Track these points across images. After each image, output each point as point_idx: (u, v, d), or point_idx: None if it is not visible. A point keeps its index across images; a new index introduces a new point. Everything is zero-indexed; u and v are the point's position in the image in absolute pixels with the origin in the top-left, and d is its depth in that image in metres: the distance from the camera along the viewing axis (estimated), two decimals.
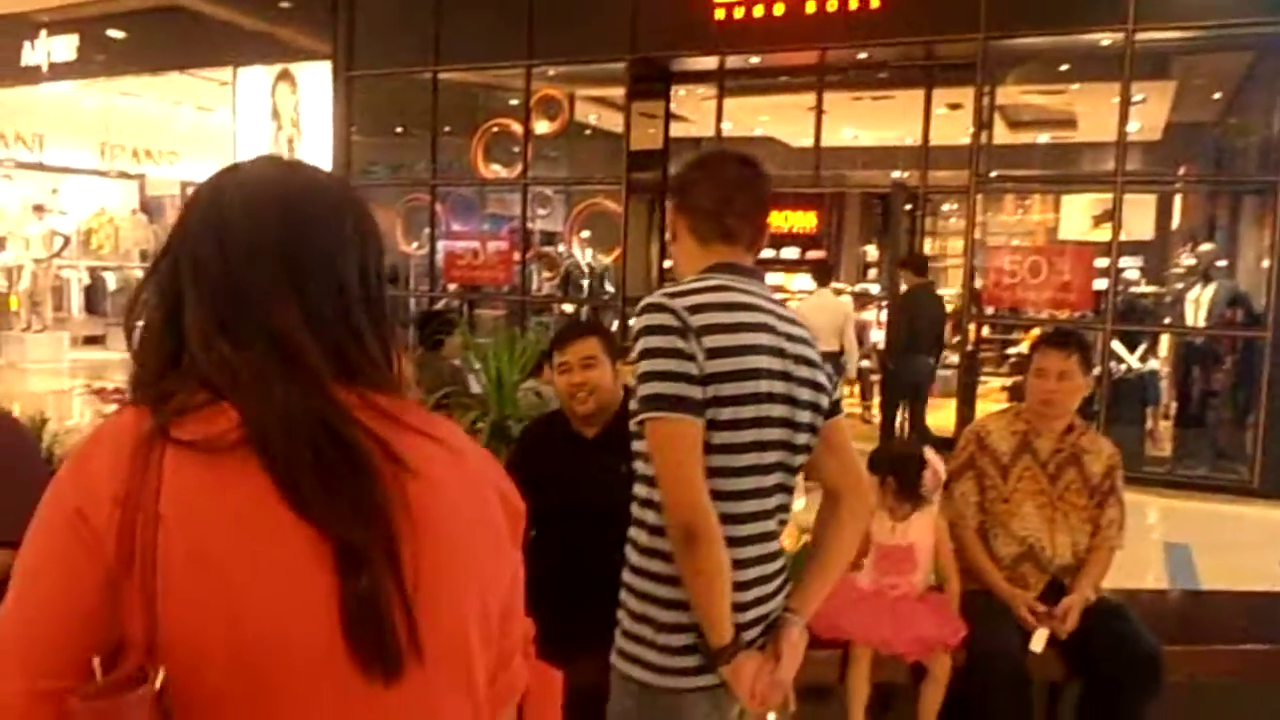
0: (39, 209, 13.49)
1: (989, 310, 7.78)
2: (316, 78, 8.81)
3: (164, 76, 10.68)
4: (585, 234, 9.57)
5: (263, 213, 0.89)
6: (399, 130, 9.22)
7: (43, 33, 10.83)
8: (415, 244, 9.27)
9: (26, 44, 10.97)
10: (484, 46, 8.17)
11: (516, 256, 8.64)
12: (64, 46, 10.67)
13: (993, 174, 7.59)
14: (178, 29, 9.57)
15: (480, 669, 0.92)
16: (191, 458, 0.79)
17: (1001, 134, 9.37)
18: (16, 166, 13.43)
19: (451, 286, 9.01)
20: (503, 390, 3.60)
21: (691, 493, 1.53)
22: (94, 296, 13.77)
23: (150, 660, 0.75)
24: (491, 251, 8.76)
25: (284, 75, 9.04)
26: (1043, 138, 11.11)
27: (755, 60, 8.09)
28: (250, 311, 0.85)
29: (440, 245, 8.96)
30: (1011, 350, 9.54)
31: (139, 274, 14.13)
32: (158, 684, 0.74)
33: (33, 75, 11.15)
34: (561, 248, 9.87)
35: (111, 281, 14.07)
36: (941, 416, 7.54)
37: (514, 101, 8.58)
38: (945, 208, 11.73)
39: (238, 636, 0.77)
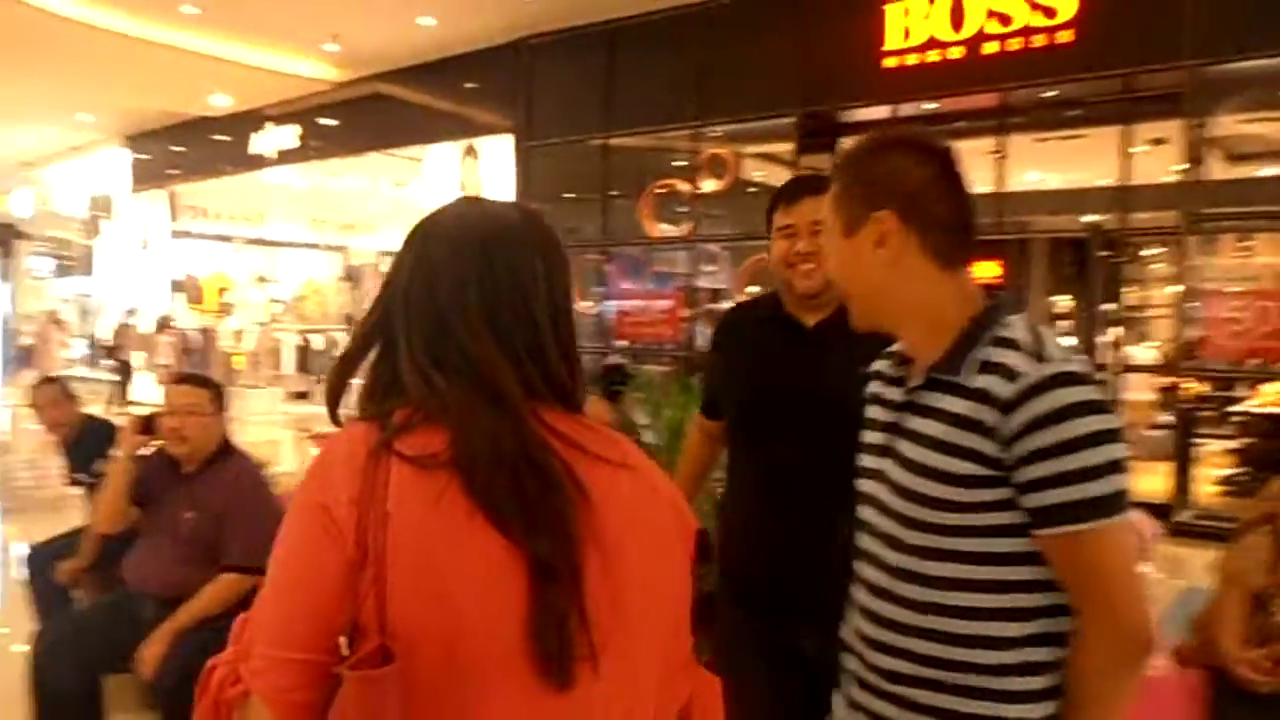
0: (262, 279, 15.25)
1: (1207, 364, 7.22)
2: (498, 150, 9.55)
3: (365, 157, 11.89)
4: (753, 289, 9.71)
5: (463, 251, 1.01)
6: (571, 195, 9.80)
7: (268, 124, 12.35)
8: (587, 303, 9.75)
9: (254, 135, 12.55)
10: (653, 111, 8.59)
11: (684, 313, 8.93)
12: (286, 135, 12.12)
13: (1208, 212, 7.05)
14: (378, 114, 10.68)
15: (651, 680, 0.99)
16: (411, 470, 0.90)
17: (1217, 168, 8.77)
18: (246, 243, 15.26)
19: (621, 343, 9.37)
20: (679, 439, 3.74)
21: (1145, 605, 1.28)
22: (304, 356, 15.30)
23: (386, 642, 0.86)
24: (659, 309, 9.09)
25: (469, 150, 9.85)
26: (1267, 170, 10.25)
27: (930, 106, 8.04)
28: (453, 342, 0.97)
29: (610, 303, 9.38)
30: (1235, 408, 8.76)
31: (342, 336, 15.69)
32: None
33: (258, 162, 12.69)
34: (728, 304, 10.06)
35: (319, 343, 15.59)
36: (1154, 481, 7.03)
37: (681, 162, 8.93)
38: (1147, 252, 11.00)
39: (449, 627, 0.88)
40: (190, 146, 14.05)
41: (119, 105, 13.24)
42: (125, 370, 13.10)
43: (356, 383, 1.05)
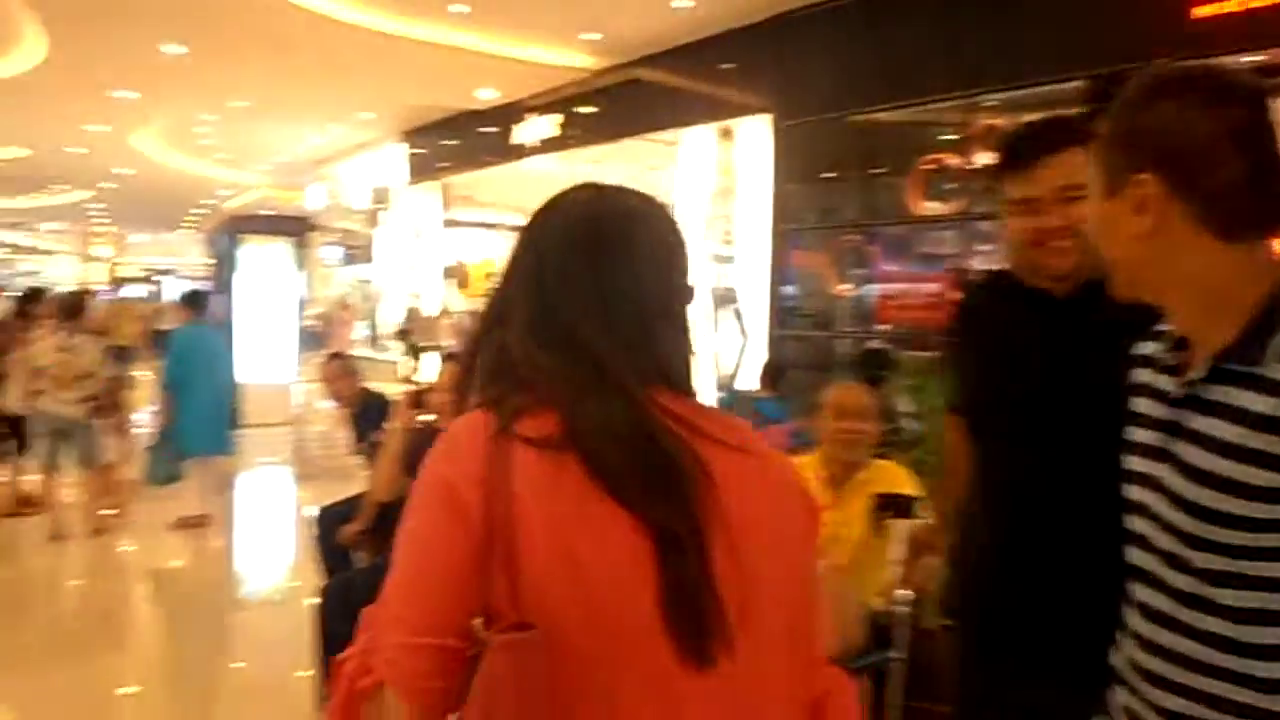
0: None
1: None
2: (753, 131, 9.51)
3: (621, 143, 12.27)
4: None
5: (575, 237, 1.06)
6: (830, 174, 9.58)
7: (530, 115, 13.05)
8: (846, 285, 9.51)
9: (516, 126, 13.30)
10: (919, 82, 8.21)
11: (954, 296, 8.47)
12: (547, 125, 12.75)
13: None
14: (635, 100, 10.97)
15: (783, 666, 0.98)
16: (532, 451, 0.93)
17: None
18: (509, 230, 16.27)
19: (883, 327, 9.07)
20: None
21: None
22: None
23: (526, 611, 0.88)
24: (925, 292, 8.71)
25: (725, 132, 9.89)
26: None
27: (1250, 59, 7.13)
28: (561, 327, 1.00)
29: (871, 286, 9.11)
30: None
31: None
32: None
33: (519, 151, 13.44)
34: None
35: None
36: None
37: (950, 136, 8.49)
38: None
39: (582, 604, 0.89)
40: (459, 139, 15.10)
41: (396, 103, 14.47)
42: (416, 351, 14.26)
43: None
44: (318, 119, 15.86)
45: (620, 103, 11.30)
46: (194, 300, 8.11)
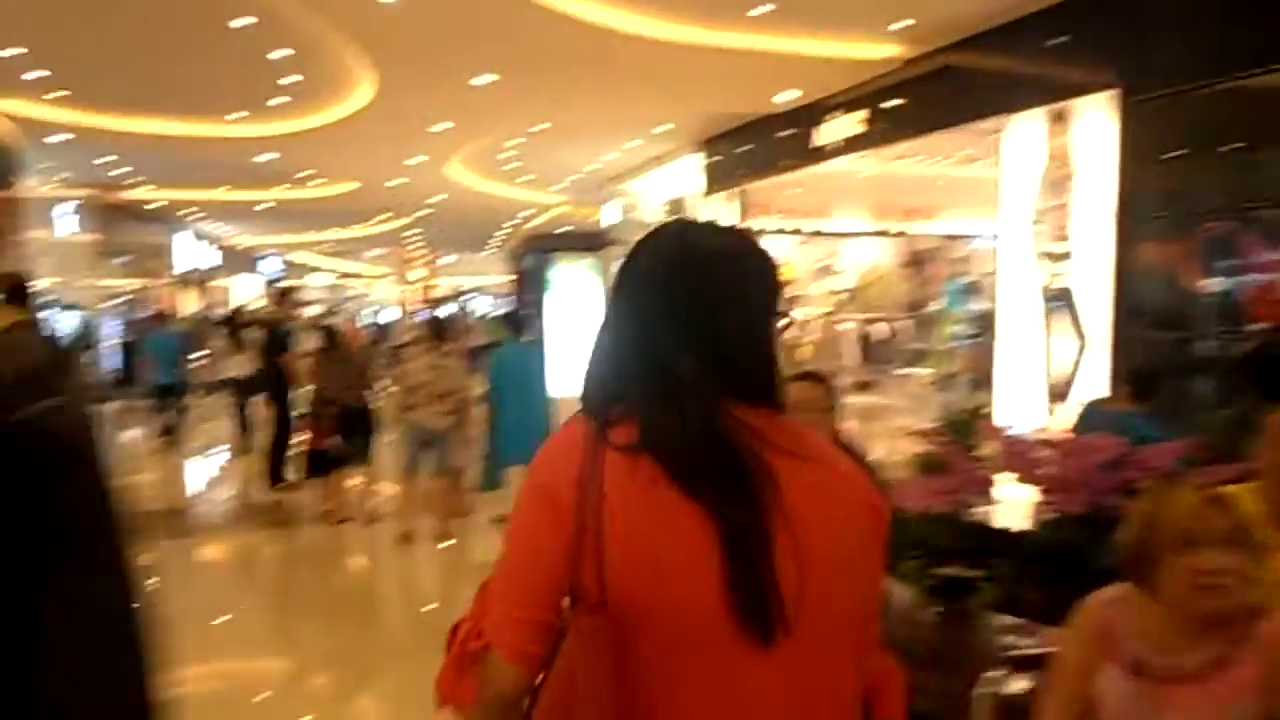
0: (824, 270, 16.06)
1: None
2: (1093, 111, 8.84)
3: (930, 138, 11.85)
4: None
5: (665, 271, 1.23)
6: (1188, 153, 8.69)
7: (832, 114, 12.94)
8: (1208, 279, 8.58)
9: (817, 127, 13.23)
10: None
11: None
12: (850, 123, 12.59)
13: None
14: (948, 89, 10.55)
15: (847, 656, 1.14)
16: (620, 457, 1.13)
17: None
18: (809, 235, 16.22)
19: (1259, 325, 8.09)
20: None
21: None
22: (866, 346, 15.78)
23: (603, 597, 1.07)
24: None
25: (1056, 115, 9.26)
26: None
27: None
28: (656, 348, 1.19)
29: (1240, 278, 8.15)
30: None
31: (906, 325, 15.91)
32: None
33: (820, 154, 13.36)
34: None
35: (881, 332, 15.97)
36: None
37: None
38: None
39: (657, 589, 1.07)
40: (756, 146, 15.26)
41: (693, 114, 14.87)
42: None
43: None
44: (615, 135, 16.65)
45: (931, 93, 10.92)
46: (511, 320, 8.79)
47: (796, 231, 16.28)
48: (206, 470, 11.72)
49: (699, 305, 1.21)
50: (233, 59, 12.08)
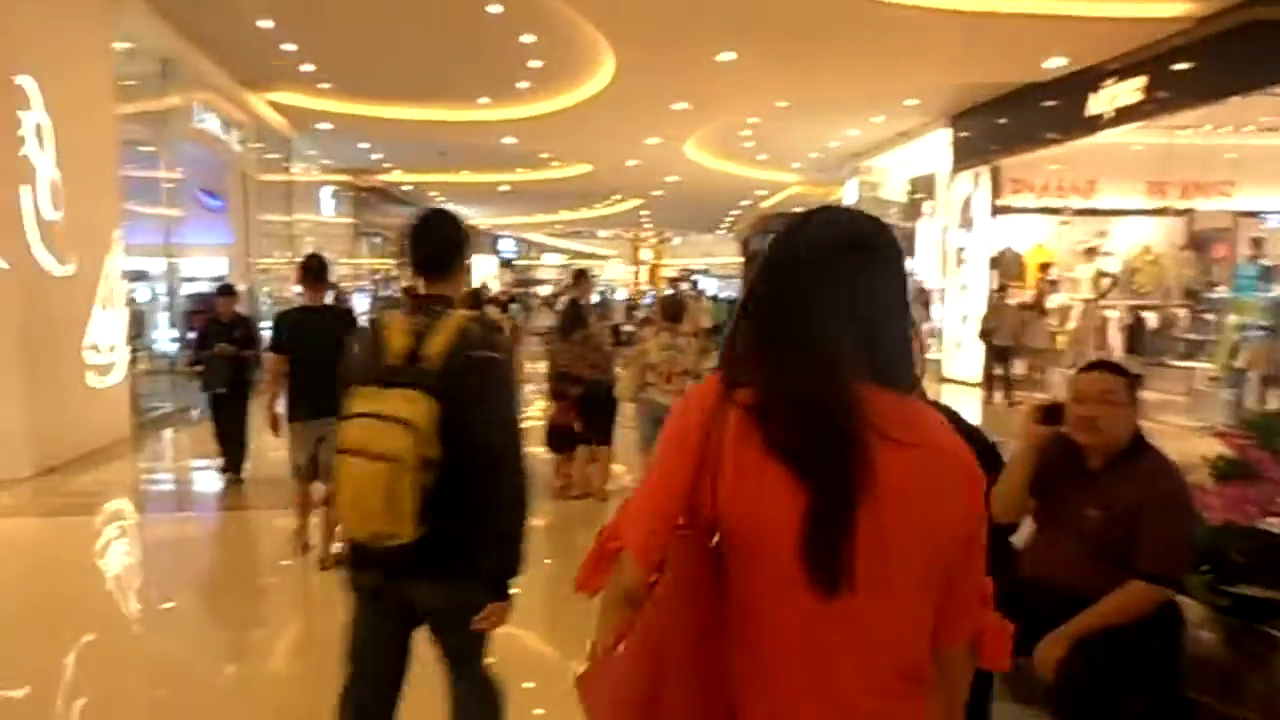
0: (1090, 252, 15.12)
1: None
2: None
3: (1220, 104, 10.90)
4: None
5: (822, 255, 1.40)
6: None
7: (1107, 81, 12.14)
8: None
9: (1089, 96, 12.46)
10: None
11: None
12: (1128, 90, 11.78)
13: None
14: (1248, 48, 9.65)
15: (917, 612, 1.37)
16: (740, 412, 1.36)
17: None
18: (1074, 214, 15.33)
19: None
20: None
21: None
22: (1134, 335, 14.71)
23: (713, 520, 1.36)
24: None
25: None
26: None
27: None
28: (800, 325, 1.38)
29: None
30: None
31: (1181, 313, 14.71)
32: (716, 536, 1.37)
33: (1090, 125, 12.57)
34: None
35: (1151, 320, 14.84)
36: None
37: None
38: None
39: (751, 522, 1.34)
40: (1013, 118, 14.57)
41: (945, 86, 14.37)
42: (1004, 354, 13.77)
43: None
44: (858, 111, 16.35)
45: (1227, 54, 10.03)
46: None
47: (1059, 210, 15.41)
48: None
49: (844, 288, 1.39)
50: (481, 46, 12.81)
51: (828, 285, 1.38)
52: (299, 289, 6.71)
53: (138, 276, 13.60)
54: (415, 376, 2.47)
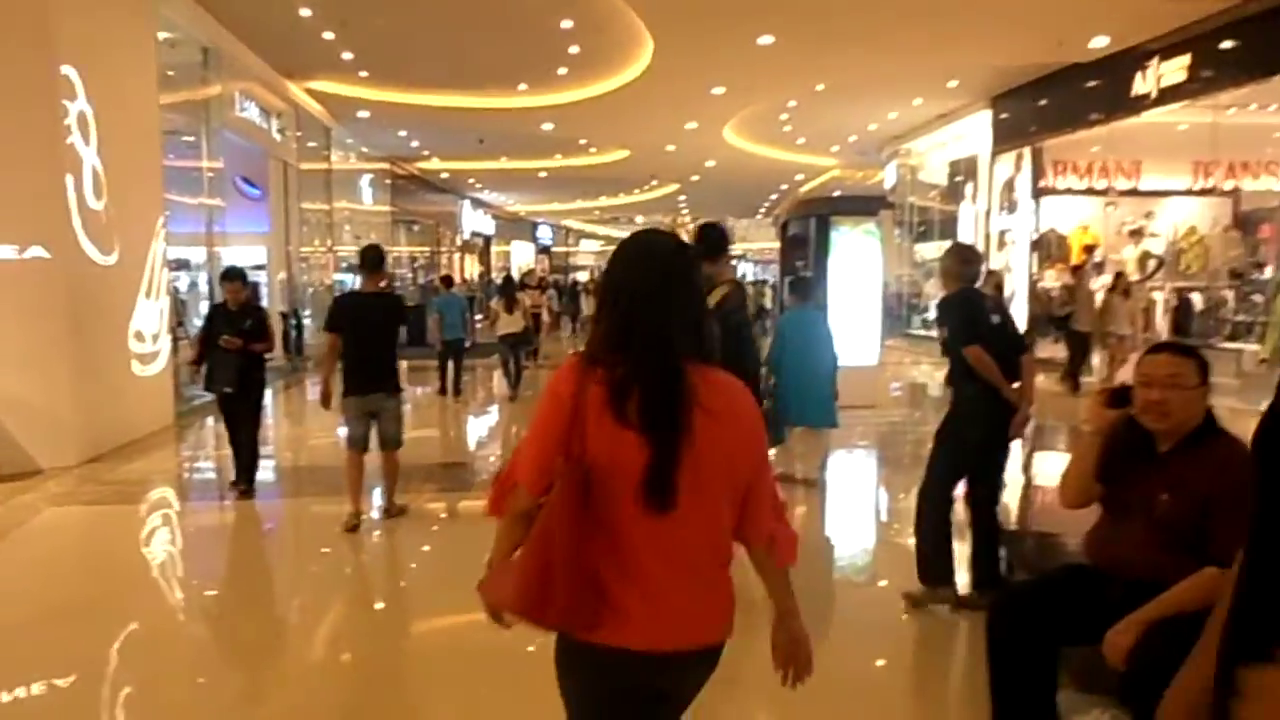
0: (1135, 233, 14.77)
1: None
2: None
3: (1266, 83, 10.55)
4: None
5: (654, 266, 2.00)
6: None
7: (1151, 60, 11.82)
8: None
9: (1137, 75, 12.13)
10: None
11: None
12: (1173, 69, 11.45)
13: None
14: None
15: (723, 516, 1.99)
16: (596, 384, 1.90)
17: None
18: (1119, 195, 14.98)
19: None
20: None
21: None
22: (1180, 316, 14.36)
23: (583, 459, 1.87)
24: None
25: None
26: None
27: None
28: (646, 320, 1.95)
29: None
30: None
31: (1228, 294, 14.33)
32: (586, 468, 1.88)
33: (1135, 105, 12.25)
34: None
35: (1198, 302, 14.47)
36: None
37: None
38: None
39: (608, 463, 1.87)
40: (1055, 99, 14.25)
41: (987, 66, 14.08)
42: (1082, 342, 13.12)
43: None
44: (898, 94, 16.10)
45: (1273, 32, 9.73)
46: (797, 287, 8.71)
47: (1103, 192, 15.07)
48: (483, 426, 12.54)
49: (676, 288, 1.99)
50: (520, 33, 12.72)
51: (664, 286, 1.98)
52: (350, 277, 6.93)
53: (179, 265, 13.66)
54: None
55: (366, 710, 3.88)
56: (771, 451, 5.90)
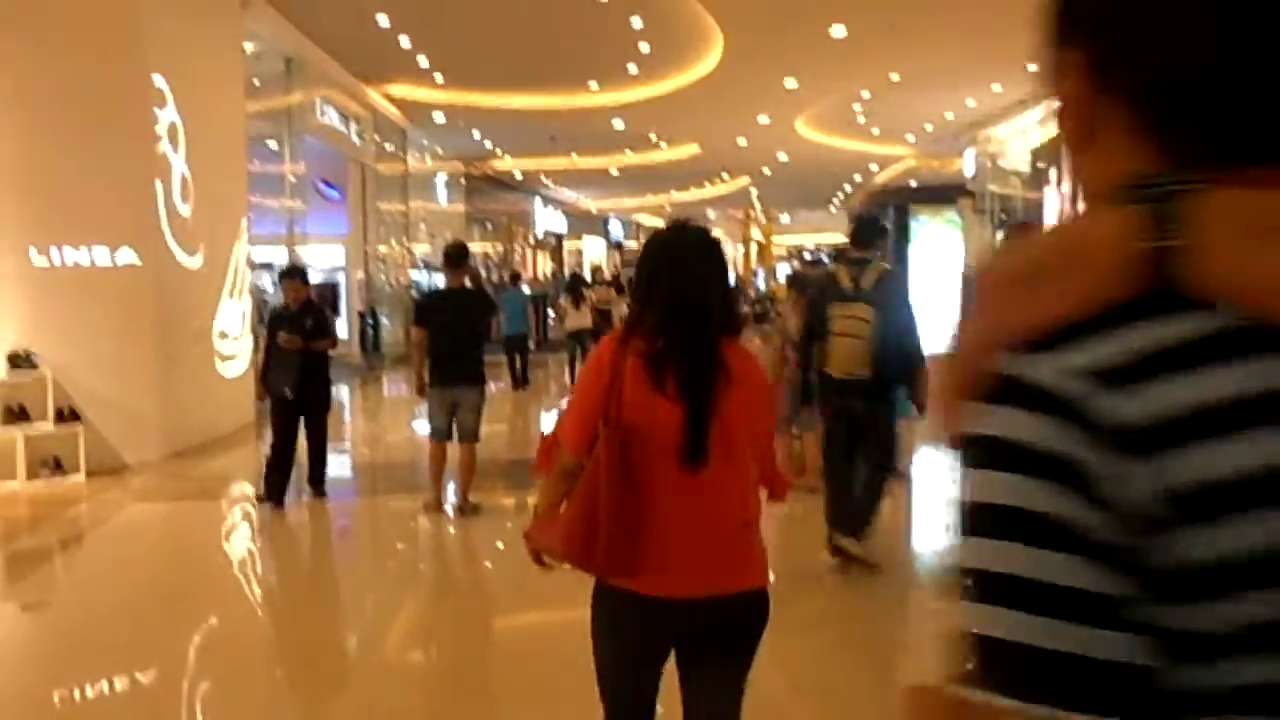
0: None
1: None
2: None
3: None
4: None
5: (689, 252, 2.30)
6: None
7: None
8: None
9: None
10: None
11: None
12: None
13: None
14: None
15: (749, 471, 2.27)
16: (633, 356, 2.17)
17: None
18: None
19: None
20: None
21: None
22: None
23: (620, 422, 2.14)
24: None
25: None
26: None
27: None
28: (671, 300, 2.21)
29: None
30: None
31: None
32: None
33: None
34: None
35: None
36: None
37: None
38: None
39: (647, 425, 2.14)
40: None
41: None
42: None
43: None
44: (976, 80, 15.75)
45: None
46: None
47: None
48: (551, 420, 12.62)
49: (712, 271, 2.31)
50: (590, 32, 12.78)
51: (700, 270, 2.24)
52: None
53: (261, 267, 14.04)
54: (862, 297, 5.01)
55: (445, 709, 3.95)
56: None
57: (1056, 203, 17.02)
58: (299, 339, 6.69)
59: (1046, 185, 17.44)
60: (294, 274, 7.23)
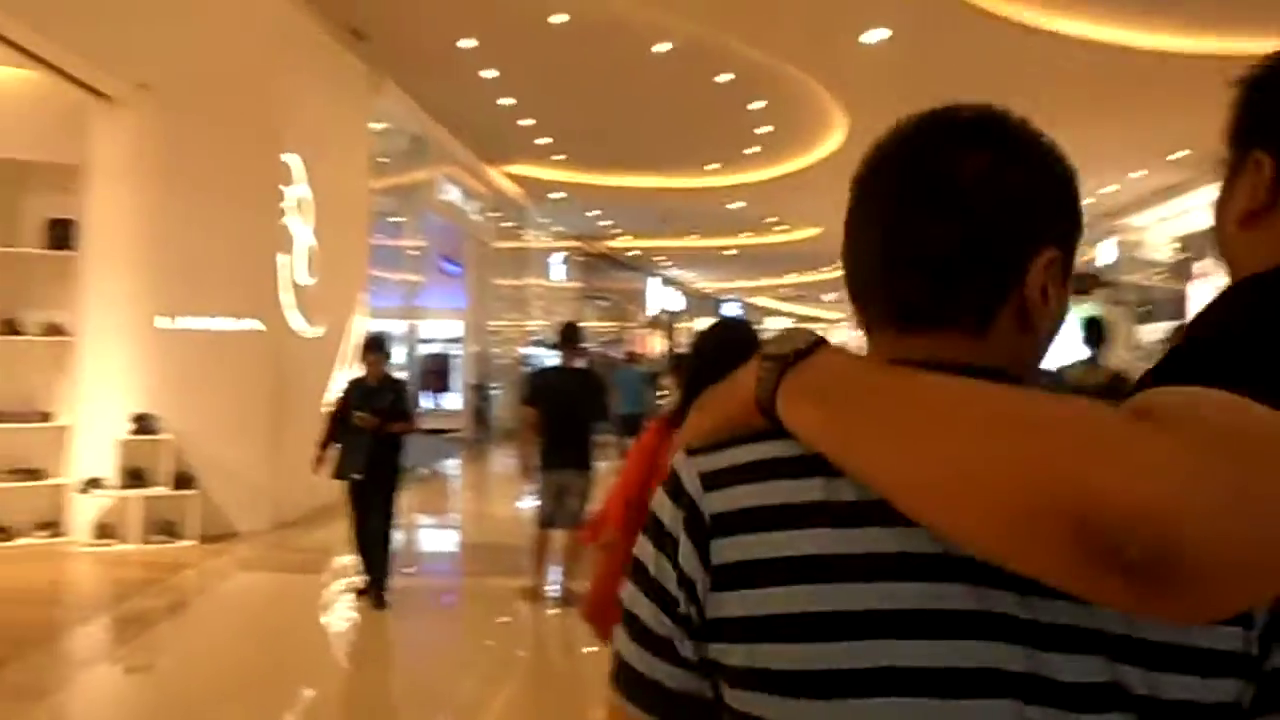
0: None
1: None
2: None
3: None
4: None
5: (720, 344, 2.63)
6: None
7: None
8: None
9: None
10: None
11: None
12: None
13: None
14: None
15: None
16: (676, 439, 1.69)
17: None
18: None
19: None
20: None
21: None
22: None
23: (642, 503, 2.04)
24: None
25: None
26: None
27: None
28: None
29: None
30: None
31: None
32: None
33: None
34: None
35: None
36: None
37: None
38: None
39: None
40: None
41: (1217, 137, 13.15)
42: None
43: None
44: (1115, 166, 15.27)
45: None
46: None
47: None
48: None
49: (730, 365, 2.04)
50: (711, 114, 12.88)
51: (729, 366, 2.05)
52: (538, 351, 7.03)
53: None
54: None
55: None
56: None
57: (1205, 296, 16.19)
58: (374, 419, 6.14)
59: (1192, 279, 16.66)
60: (376, 346, 6.46)
